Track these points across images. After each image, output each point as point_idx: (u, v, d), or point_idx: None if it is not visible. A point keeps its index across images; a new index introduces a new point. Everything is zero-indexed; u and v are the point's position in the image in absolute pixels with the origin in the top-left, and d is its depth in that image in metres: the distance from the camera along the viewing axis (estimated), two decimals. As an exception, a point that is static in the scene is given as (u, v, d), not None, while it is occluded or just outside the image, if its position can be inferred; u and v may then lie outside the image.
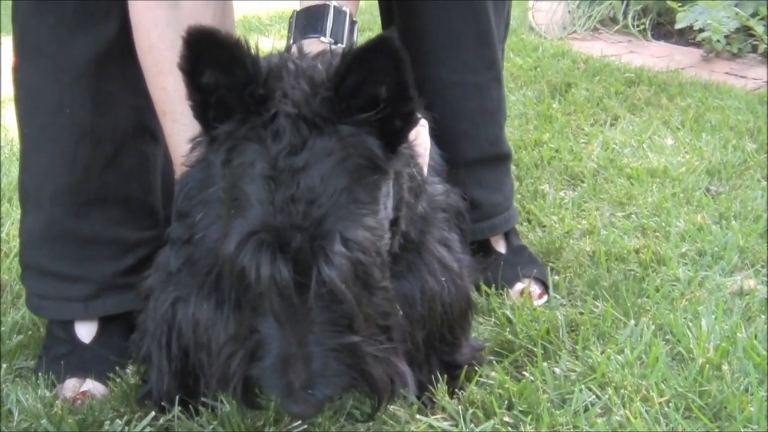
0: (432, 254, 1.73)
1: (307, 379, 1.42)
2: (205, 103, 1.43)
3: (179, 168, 1.79)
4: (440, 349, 1.83)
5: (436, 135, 1.90)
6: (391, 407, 1.77)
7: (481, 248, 2.32)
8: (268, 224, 1.38)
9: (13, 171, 3.01)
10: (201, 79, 1.41)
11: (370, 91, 1.41)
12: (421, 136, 1.69)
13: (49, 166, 1.99)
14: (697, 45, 4.87)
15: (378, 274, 1.44)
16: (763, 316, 2.07)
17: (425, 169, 1.72)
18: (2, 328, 2.12)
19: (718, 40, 4.64)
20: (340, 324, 1.44)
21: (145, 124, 2.04)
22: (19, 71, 2.00)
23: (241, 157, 1.42)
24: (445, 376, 1.82)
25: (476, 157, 2.29)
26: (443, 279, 1.73)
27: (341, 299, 1.41)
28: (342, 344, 1.44)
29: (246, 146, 1.42)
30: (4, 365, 2.00)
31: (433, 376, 1.81)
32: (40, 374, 1.97)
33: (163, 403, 1.82)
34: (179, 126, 1.79)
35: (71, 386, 1.95)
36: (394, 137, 1.46)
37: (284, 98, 1.41)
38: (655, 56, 4.79)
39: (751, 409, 1.72)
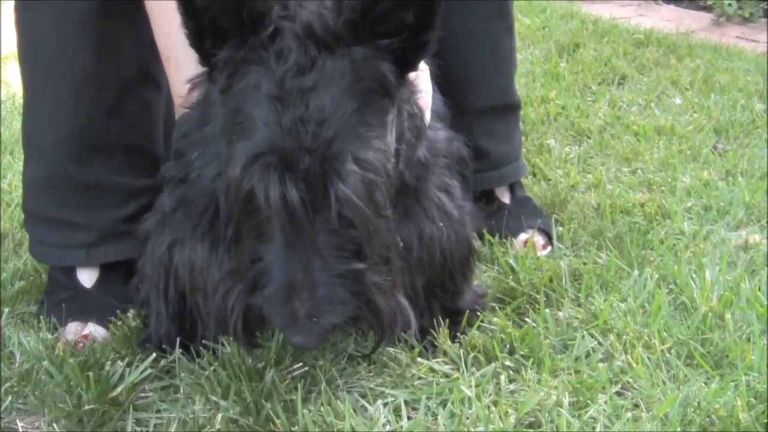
0: (431, 200, 1.72)
1: (312, 306, 1.41)
2: (201, 31, 1.42)
3: (180, 112, 1.78)
4: (441, 296, 1.83)
5: (446, 84, 1.89)
6: (392, 350, 1.77)
7: (485, 199, 2.31)
8: (275, 146, 1.37)
9: (14, 125, 3.00)
10: (195, 3, 1.39)
11: (399, 16, 1.39)
12: (421, 79, 1.68)
13: (50, 114, 1.99)
14: (708, 9, 4.84)
15: (384, 199, 1.43)
16: (766, 268, 2.07)
17: (427, 114, 1.71)
18: (4, 275, 2.13)
19: (730, 4, 4.60)
20: (346, 250, 1.43)
21: (148, 72, 2.03)
22: (20, 19, 1.99)
23: (243, 80, 1.41)
24: (447, 321, 1.82)
25: (486, 106, 2.28)
26: (442, 225, 1.72)
27: (354, 220, 1.39)
28: (348, 271, 1.43)
29: (248, 69, 1.41)
30: (6, 310, 2.00)
31: (435, 321, 1.81)
32: (41, 318, 1.97)
33: (163, 347, 1.82)
34: (182, 73, 1.78)
35: (73, 330, 1.95)
36: (406, 64, 1.45)
37: (287, 16, 1.40)
38: (665, 19, 4.77)
39: (753, 357, 1.72)
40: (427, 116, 1.70)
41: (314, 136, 1.36)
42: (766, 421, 1.56)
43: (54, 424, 1.65)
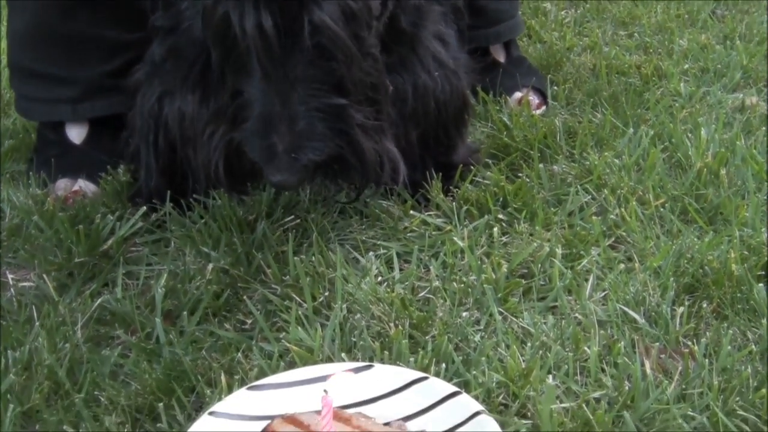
0: (426, 49, 1.68)
1: (290, 141, 1.38)
2: None
3: None
4: (435, 150, 1.81)
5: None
6: (385, 203, 1.76)
7: (479, 56, 2.28)
8: None
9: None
10: None
11: None
12: None
13: (32, -35, 1.94)
14: None
15: (368, 34, 1.40)
16: (763, 128, 2.05)
17: None
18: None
19: None
20: (327, 84, 1.40)
21: None
22: None
23: None
24: (440, 175, 1.80)
25: None
26: (437, 75, 1.69)
27: (332, 49, 1.37)
28: (329, 105, 1.40)
29: None
30: (-5, 168, 1.99)
31: (428, 173, 1.79)
32: (31, 175, 1.96)
33: (153, 201, 1.80)
34: None
35: (63, 185, 1.93)
36: None
37: None
38: None
39: (746, 214, 1.71)
40: None
41: None
42: (759, 273, 1.56)
43: (44, 276, 1.64)
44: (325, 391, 1.20)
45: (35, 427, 1.34)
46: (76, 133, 2.03)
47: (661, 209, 1.75)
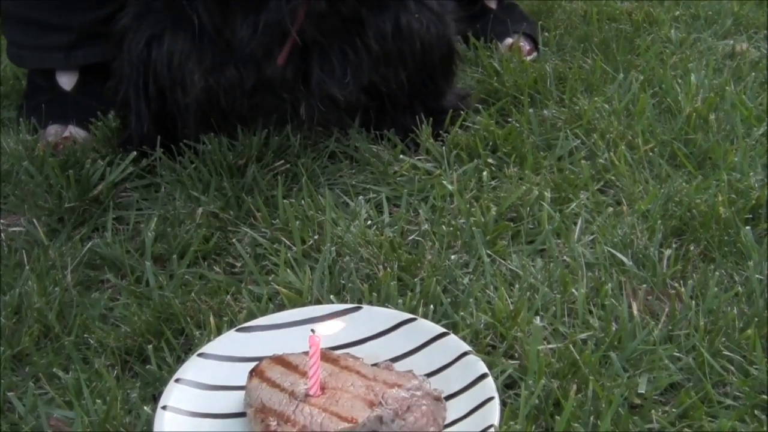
0: None
1: None
2: None
3: None
4: (423, 95, 1.81)
5: None
6: (375, 148, 1.76)
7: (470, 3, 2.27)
8: None
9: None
10: None
11: None
12: None
13: None
14: None
15: None
16: (753, 74, 2.05)
17: None
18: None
19: None
20: None
21: None
22: None
23: None
24: (430, 120, 1.80)
25: None
26: (418, 16, 1.68)
27: None
28: None
29: None
30: (-15, 116, 1.98)
31: (417, 118, 1.79)
32: (21, 121, 1.95)
33: (144, 147, 1.80)
34: None
35: (53, 132, 1.92)
36: None
37: None
38: None
39: (735, 158, 1.72)
40: None
41: None
42: (746, 216, 1.56)
43: (34, 221, 1.64)
44: (312, 330, 1.20)
45: (25, 370, 1.34)
46: (66, 80, 2.02)
47: (650, 154, 1.75)
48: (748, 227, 1.52)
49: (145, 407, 1.23)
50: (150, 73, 1.72)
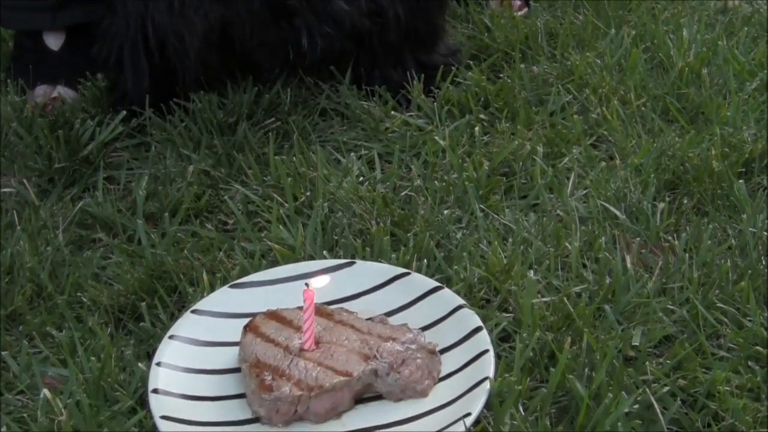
0: None
1: None
2: None
3: None
4: (414, 50, 1.80)
5: None
6: (366, 104, 1.75)
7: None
8: None
9: None
10: None
11: None
12: None
13: None
14: None
15: None
16: (745, 29, 2.04)
17: None
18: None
19: None
20: None
21: None
22: None
23: None
24: (421, 76, 1.79)
25: None
26: None
27: None
28: None
29: None
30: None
31: (408, 74, 1.78)
32: (9, 82, 1.93)
33: (134, 107, 1.78)
34: None
35: (41, 92, 1.91)
36: None
37: None
38: None
39: (728, 113, 1.71)
40: None
41: None
42: (739, 170, 1.56)
43: (25, 182, 1.64)
44: (306, 284, 1.20)
45: (19, 329, 1.34)
46: (53, 40, 2.00)
47: (643, 108, 1.74)
48: (741, 181, 1.52)
49: (139, 364, 1.24)
50: (149, 25, 1.70)
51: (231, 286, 1.33)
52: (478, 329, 1.22)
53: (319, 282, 1.31)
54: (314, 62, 1.74)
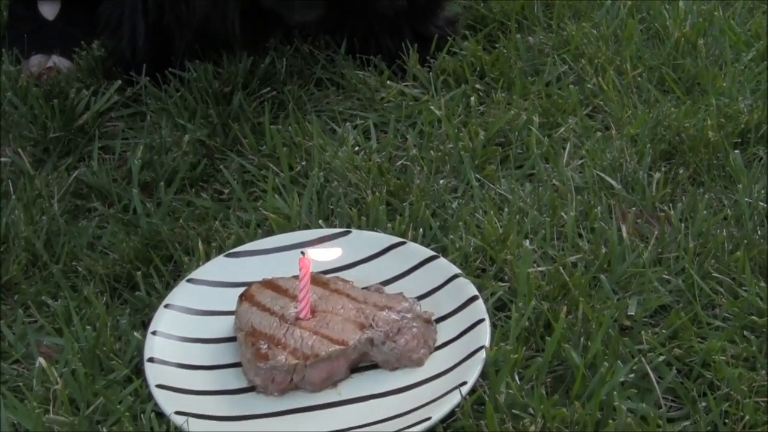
0: None
1: None
2: None
3: None
4: (410, 18, 1.79)
5: None
6: (361, 74, 1.75)
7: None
8: None
9: None
10: None
11: None
12: None
13: None
14: None
15: None
16: (741, 0, 2.03)
17: None
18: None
19: None
20: None
21: None
22: None
23: None
24: (417, 45, 1.78)
25: None
26: None
27: None
28: None
29: None
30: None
31: (404, 44, 1.78)
32: (3, 51, 1.92)
33: (131, 74, 1.77)
34: None
35: (36, 62, 1.90)
36: None
37: None
38: None
39: (724, 83, 1.71)
40: None
41: None
42: (735, 140, 1.56)
43: (20, 151, 1.63)
44: (302, 253, 1.20)
45: (14, 299, 1.34)
46: (48, 9, 1.99)
47: (639, 79, 1.74)
48: (737, 151, 1.52)
49: (135, 333, 1.24)
50: None
51: (226, 255, 1.33)
52: (473, 298, 1.22)
53: (317, 253, 1.30)
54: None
